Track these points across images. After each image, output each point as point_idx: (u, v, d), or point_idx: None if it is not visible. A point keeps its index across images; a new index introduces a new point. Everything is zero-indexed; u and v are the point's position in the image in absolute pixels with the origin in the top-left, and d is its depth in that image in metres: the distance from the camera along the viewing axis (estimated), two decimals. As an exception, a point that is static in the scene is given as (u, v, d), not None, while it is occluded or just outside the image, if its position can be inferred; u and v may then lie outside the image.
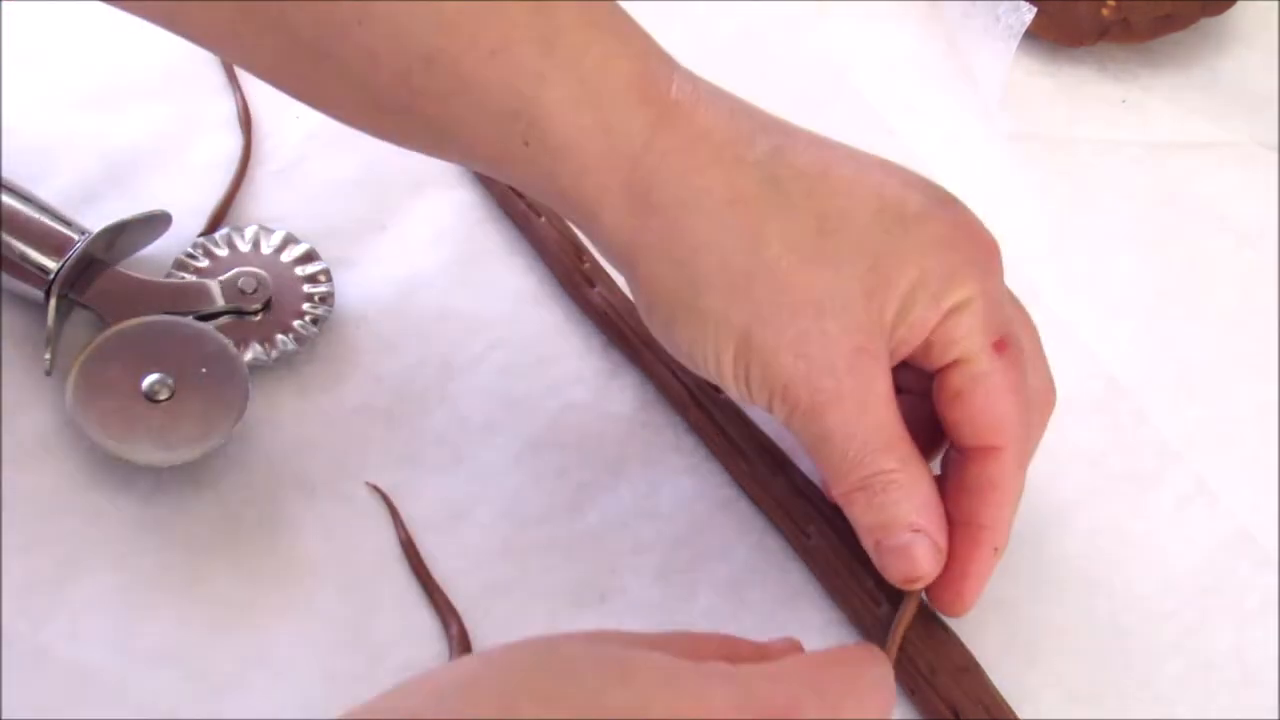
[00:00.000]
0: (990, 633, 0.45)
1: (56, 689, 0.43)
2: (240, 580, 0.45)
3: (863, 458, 0.39)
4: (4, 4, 0.57)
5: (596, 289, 0.51)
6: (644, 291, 0.39)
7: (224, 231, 0.51)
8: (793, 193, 0.38)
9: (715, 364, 0.39)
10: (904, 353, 0.39)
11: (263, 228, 0.51)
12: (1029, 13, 0.56)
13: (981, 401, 0.39)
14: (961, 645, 0.44)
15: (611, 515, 0.47)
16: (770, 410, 0.39)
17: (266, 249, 0.51)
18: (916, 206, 0.38)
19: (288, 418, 0.48)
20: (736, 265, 0.37)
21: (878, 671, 0.37)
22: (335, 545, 0.46)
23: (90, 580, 0.45)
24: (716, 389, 0.49)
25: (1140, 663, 0.46)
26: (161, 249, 0.51)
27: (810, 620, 0.46)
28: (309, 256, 0.51)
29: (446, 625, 0.44)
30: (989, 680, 0.44)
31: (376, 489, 0.47)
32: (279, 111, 0.56)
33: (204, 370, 0.46)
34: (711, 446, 0.48)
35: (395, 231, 0.53)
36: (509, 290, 0.52)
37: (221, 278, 0.49)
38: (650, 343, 0.50)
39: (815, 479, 0.47)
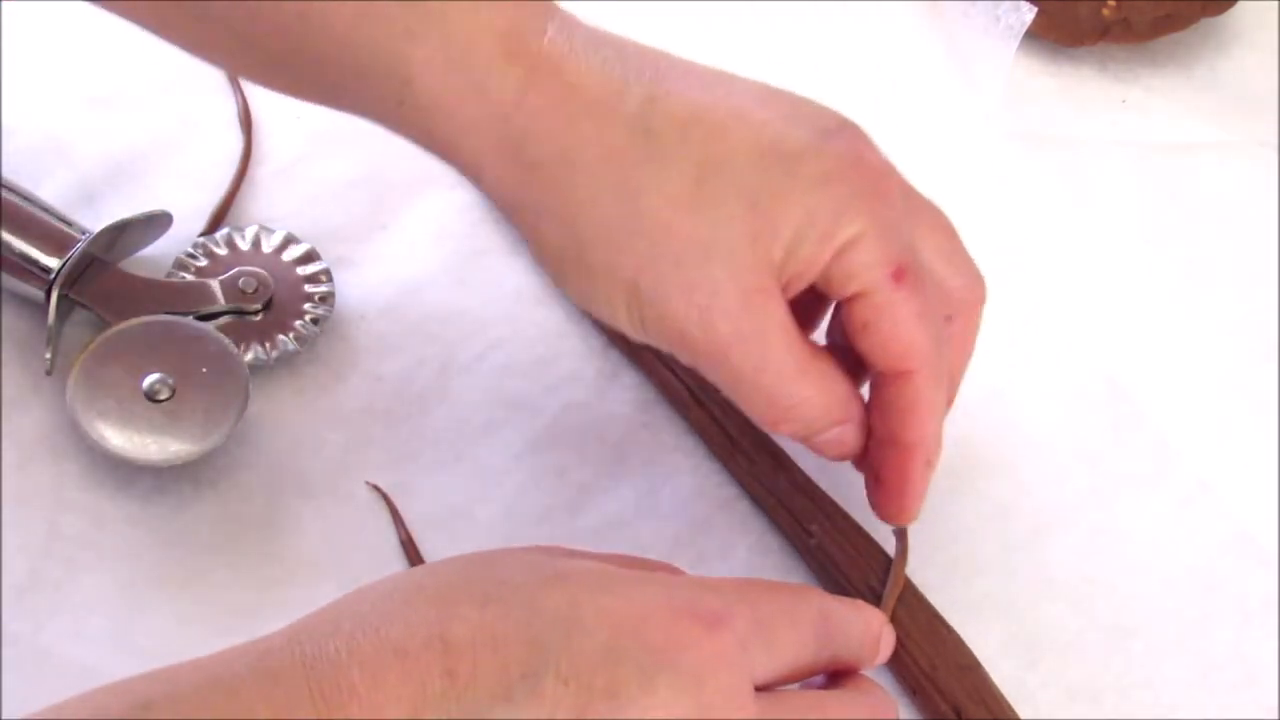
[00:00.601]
0: (990, 633, 0.45)
1: (56, 689, 0.43)
2: (240, 580, 0.45)
3: (777, 391, 0.39)
4: (4, 4, 0.57)
5: (596, 289, 0.51)
6: (533, 246, 0.39)
7: (224, 231, 0.51)
8: (667, 142, 0.37)
9: (611, 314, 0.39)
10: (800, 286, 0.39)
11: (263, 228, 0.51)
12: (1029, 13, 0.56)
13: (888, 331, 0.39)
14: (963, 644, 0.44)
15: (611, 515, 0.47)
16: (676, 355, 0.39)
17: (267, 249, 0.51)
18: (797, 143, 0.38)
19: (288, 417, 0.48)
20: (616, 219, 0.37)
21: (816, 604, 0.38)
22: (335, 545, 0.46)
23: (90, 580, 0.45)
24: (716, 388, 0.49)
25: (1140, 663, 0.46)
26: (162, 249, 0.51)
27: (810, 620, 0.46)
28: (309, 256, 0.51)
29: (446, 625, 0.44)
30: (990, 679, 0.44)
31: (376, 489, 0.47)
32: (279, 111, 0.56)
33: (204, 370, 0.46)
34: (712, 446, 0.48)
35: (395, 231, 0.53)
36: (509, 290, 0.52)
37: (222, 278, 0.49)
38: (650, 343, 0.50)
39: (816, 478, 0.47)
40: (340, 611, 0.34)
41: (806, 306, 0.41)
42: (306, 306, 0.50)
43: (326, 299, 0.50)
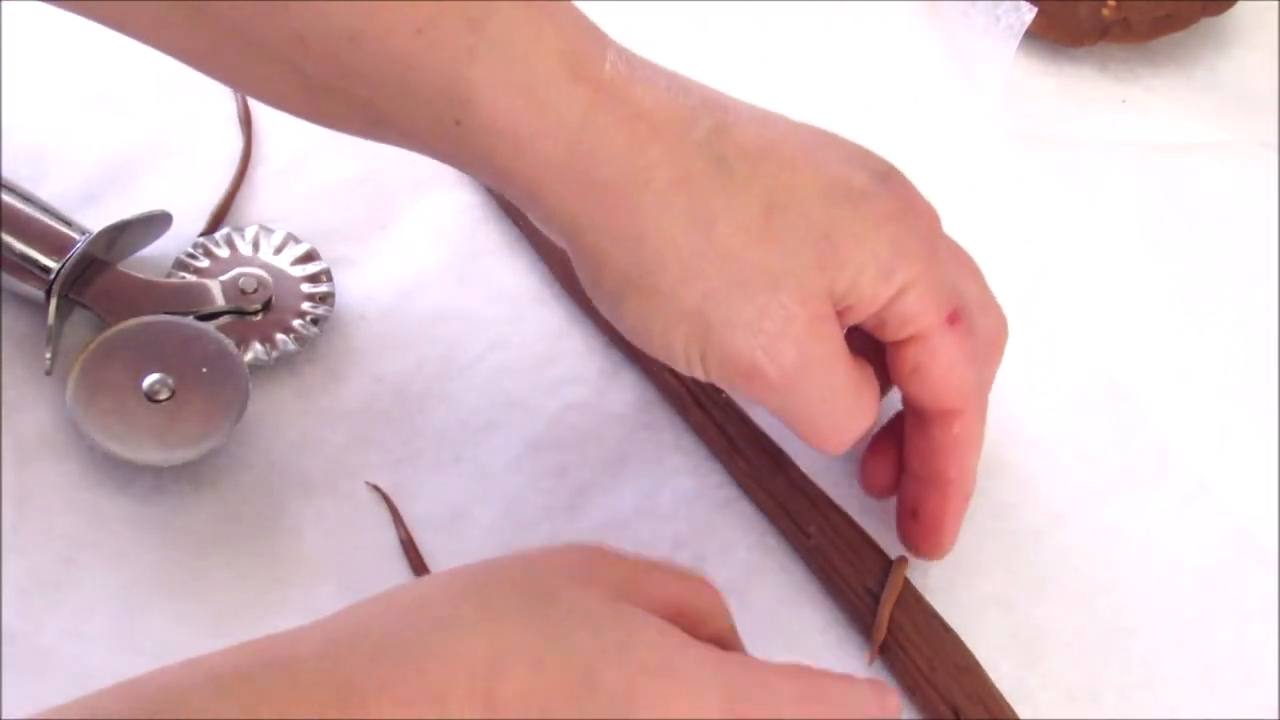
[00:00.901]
0: (990, 633, 0.45)
1: (56, 689, 0.43)
2: (240, 580, 0.45)
3: (842, 417, 0.40)
4: (4, 4, 0.57)
5: (596, 289, 0.51)
6: (590, 268, 0.39)
7: (224, 231, 0.51)
8: (738, 171, 0.38)
9: (665, 343, 0.39)
10: (850, 322, 0.39)
11: (263, 228, 0.51)
12: (1029, 13, 0.56)
13: (941, 374, 0.40)
14: (962, 644, 0.44)
15: (611, 515, 0.47)
16: (729, 387, 0.40)
17: (267, 249, 0.51)
18: (861, 183, 0.38)
19: (288, 418, 0.48)
20: (685, 245, 0.37)
21: (870, 697, 0.37)
22: (335, 545, 0.46)
23: (90, 580, 0.45)
24: (717, 389, 0.49)
25: (1140, 663, 0.46)
26: (162, 249, 0.51)
27: (810, 620, 0.46)
28: (309, 256, 0.51)
29: (446, 625, 0.44)
30: (989, 679, 0.44)
31: (376, 489, 0.47)
32: (279, 111, 0.55)
33: (204, 370, 0.46)
34: (711, 446, 0.48)
35: (395, 231, 0.53)
36: (509, 290, 0.52)
37: (222, 278, 0.49)
38: (650, 343, 0.50)
39: (815, 479, 0.47)
40: (382, 631, 0.33)
41: None
42: (306, 306, 0.50)
43: (326, 299, 0.50)
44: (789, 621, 0.45)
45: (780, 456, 0.48)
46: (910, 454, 0.43)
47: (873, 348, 0.41)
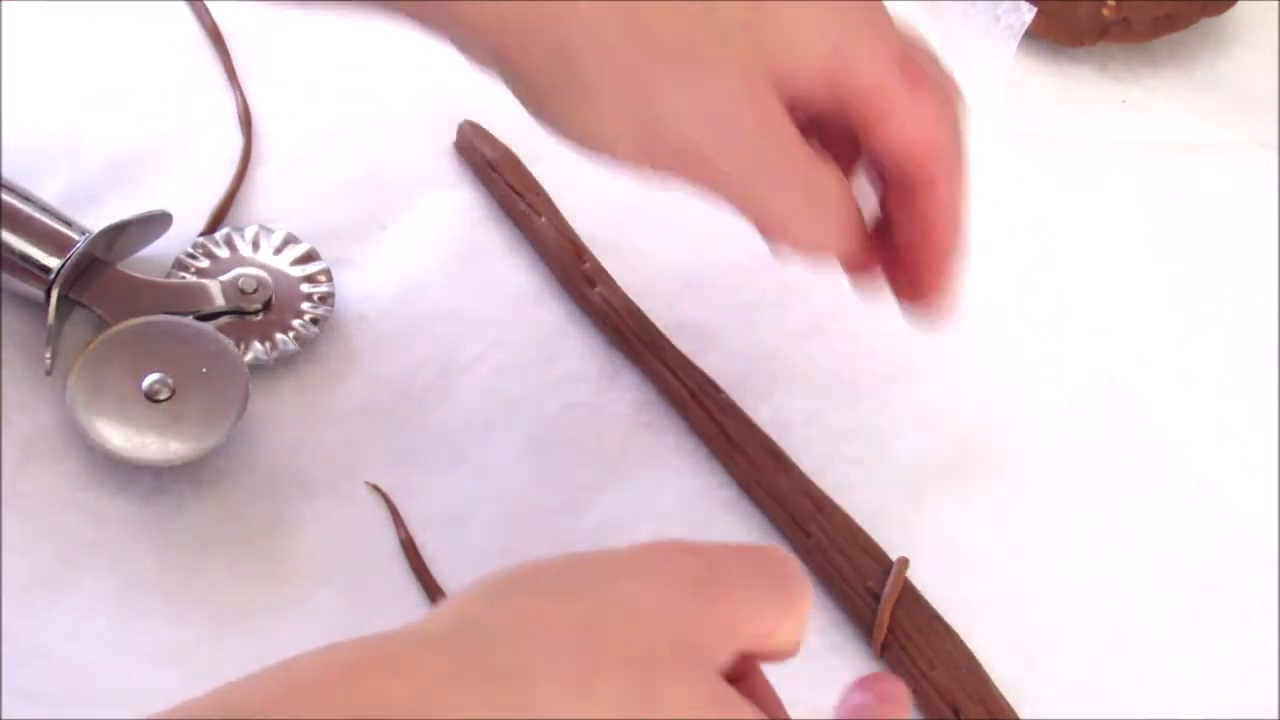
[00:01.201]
0: (990, 633, 0.45)
1: (56, 689, 0.43)
2: (240, 580, 0.45)
3: (794, 202, 0.38)
4: (4, 4, 0.57)
5: (596, 289, 0.51)
6: (522, 83, 0.38)
7: (224, 231, 0.51)
8: None
9: (611, 139, 0.38)
10: (797, 85, 0.37)
11: (263, 228, 0.51)
12: (1029, 13, 0.56)
13: (912, 130, 0.38)
14: (962, 644, 0.44)
15: (611, 515, 0.47)
16: (678, 173, 0.38)
17: (266, 249, 0.51)
18: None
19: (288, 417, 0.48)
20: (613, 36, 0.36)
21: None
22: (335, 545, 0.46)
23: (90, 580, 0.45)
24: (716, 388, 0.49)
25: (1140, 663, 0.46)
26: (162, 249, 0.51)
27: (810, 620, 0.45)
28: (309, 256, 0.51)
29: (446, 625, 0.44)
30: (989, 679, 0.44)
31: (376, 489, 0.47)
32: (279, 111, 0.56)
33: (204, 370, 0.46)
34: (712, 446, 0.48)
35: (395, 231, 0.53)
36: (509, 290, 0.52)
37: (222, 278, 0.49)
38: (651, 343, 0.50)
39: (816, 479, 0.47)
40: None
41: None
42: (306, 306, 0.50)
43: (326, 299, 0.50)
44: (789, 621, 0.45)
45: (781, 456, 0.48)
46: (900, 232, 0.41)
47: (845, 153, 0.40)
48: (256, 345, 0.49)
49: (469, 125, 0.55)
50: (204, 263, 0.50)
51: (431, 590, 0.45)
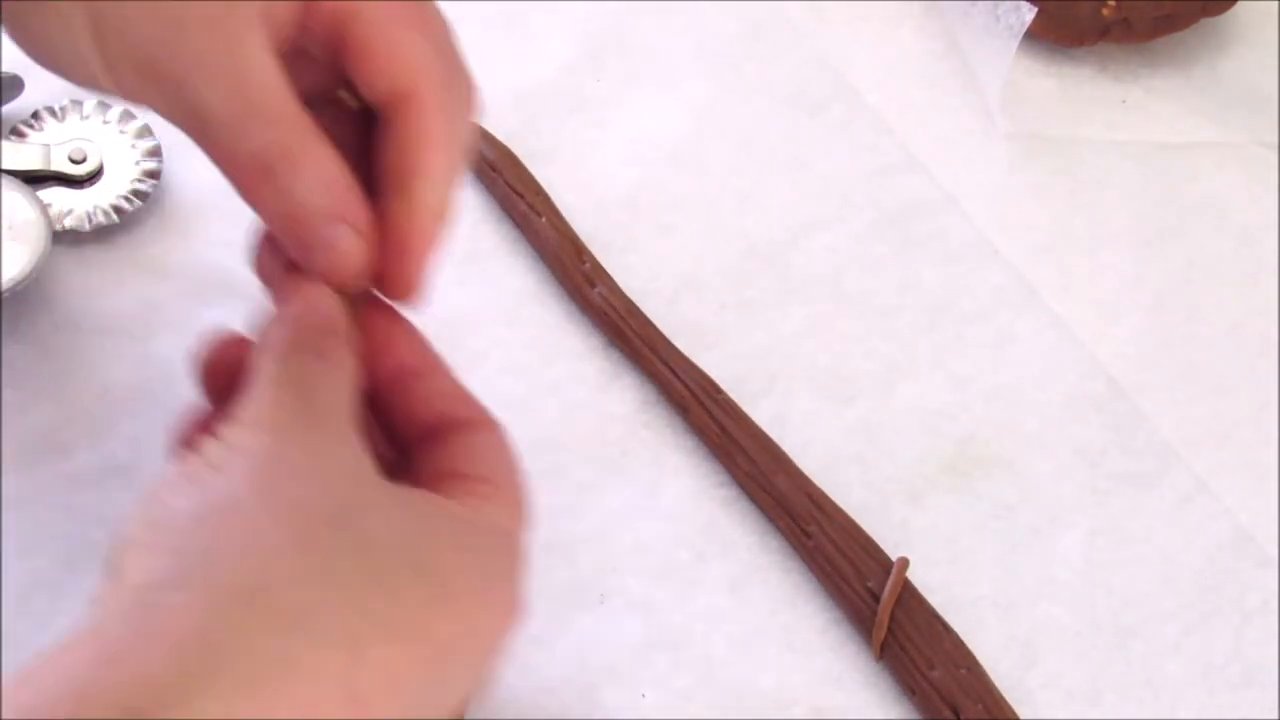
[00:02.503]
0: (990, 633, 0.45)
1: (57, 689, 0.43)
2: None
3: (248, 128, 0.33)
4: (3, 3, 0.57)
5: (596, 289, 0.51)
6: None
7: (65, 101, 0.53)
8: None
9: (75, 54, 0.34)
10: (287, 15, 0.34)
11: (102, 101, 0.53)
12: (1029, 13, 0.56)
13: (381, 41, 0.34)
14: (962, 644, 0.44)
15: (611, 515, 0.47)
16: (151, 103, 0.34)
17: (104, 120, 0.53)
18: None
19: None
20: None
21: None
22: (335, 545, 0.46)
23: (90, 580, 0.45)
24: (716, 388, 0.49)
25: (1140, 663, 0.46)
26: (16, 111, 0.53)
27: (810, 620, 0.46)
28: (144, 132, 0.53)
29: (446, 625, 0.44)
30: (989, 679, 0.44)
31: (376, 489, 0.47)
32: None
33: (9, 226, 0.48)
34: (711, 446, 0.48)
35: (395, 231, 0.53)
36: (509, 290, 0.52)
37: (54, 144, 0.52)
38: (650, 343, 0.50)
39: (816, 479, 0.47)
40: (208, 646, 0.26)
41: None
42: (131, 181, 0.52)
43: (154, 174, 0.52)
44: (789, 621, 0.45)
45: (781, 456, 0.48)
46: (375, 177, 0.35)
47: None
48: (78, 212, 0.51)
49: (469, 125, 0.55)
50: (41, 128, 0.53)
51: (431, 590, 0.45)
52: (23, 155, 0.51)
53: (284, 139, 0.33)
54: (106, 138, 0.53)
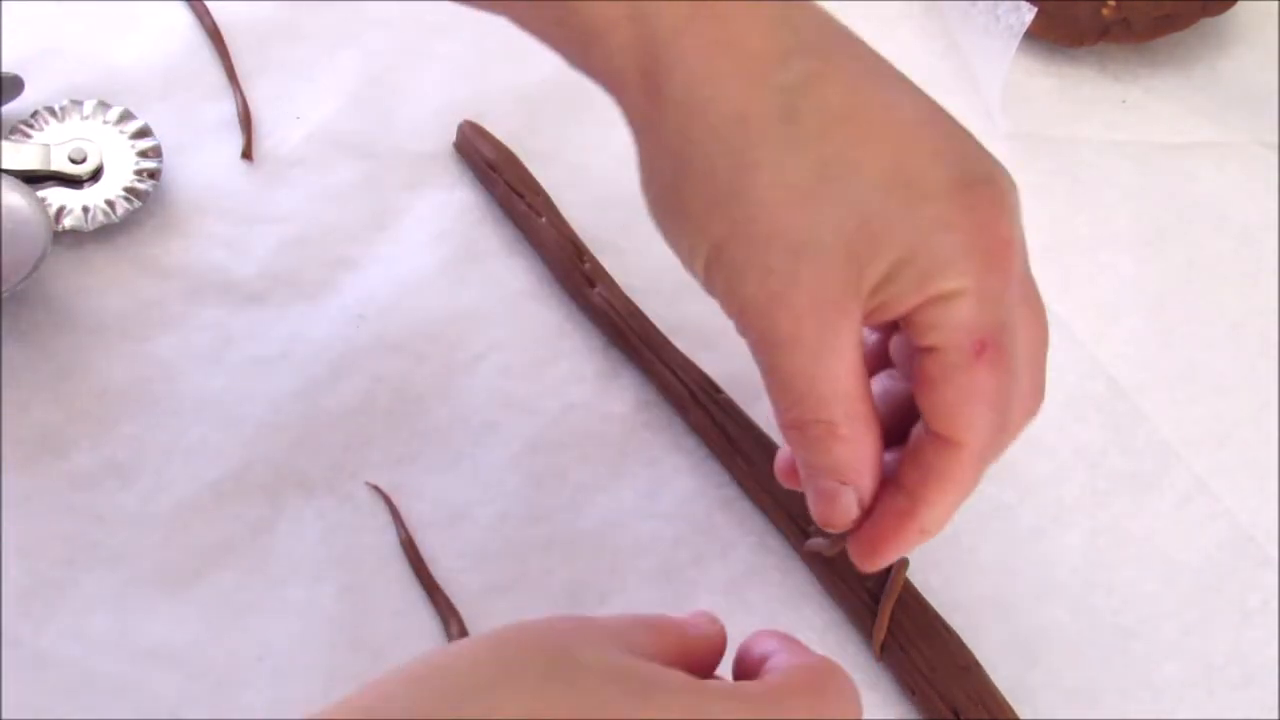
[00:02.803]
0: (990, 633, 0.45)
1: (57, 689, 0.43)
2: (240, 580, 0.45)
3: (806, 401, 0.37)
4: (4, 3, 0.57)
5: (596, 289, 0.51)
6: (644, 170, 0.39)
7: (64, 102, 0.54)
8: (805, 129, 0.36)
9: (689, 261, 0.38)
10: (881, 318, 0.38)
11: (101, 102, 0.54)
12: (1029, 13, 0.56)
13: (950, 396, 0.37)
14: (962, 644, 0.44)
15: (611, 515, 0.47)
16: (730, 315, 0.38)
17: (104, 122, 0.53)
18: (933, 183, 0.36)
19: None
20: (726, 182, 0.36)
21: (851, 689, 0.37)
22: (335, 545, 0.46)
23: (90, 580, 0.45)
24: (716, 388, 0.49)
25: (1140, 663, 0.46)
26: (16, 111, 0.53)
27: (810, 620, 0.46)
28: (143, 133, 0.53)
29: (446, 625, 0.44)
30: (989, 680, 0.44)
31: (376, 489, 0.47)
32: (279, 111, 0.56)
33: (9, 225, 0.49)
34: (711, 446, 0.48)
35: (395, 231, 0.53)
36: (509, 290, 0.52)
37: (54, 144, 0.52)
38: (650, 342, 0.50)
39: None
40: (410, 702, 0.32)
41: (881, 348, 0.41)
42: (130, 180, 0.52)
43: (154, 174, 0.52)
44: (789, 621, 0.45)
45: (780, 456, 0.48)
46: (902, 457, 0.39)
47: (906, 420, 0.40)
48: (77, 212, 0.51)
49: (469, 125, 0.55)
50: (41, 128, 0.53)
51: (431, 590, 0.45)
52: (23, 155, 0.51)
53: (835, 419, 0.37)
54: (106, 138, 0.53)
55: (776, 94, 0.36)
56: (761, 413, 0.49)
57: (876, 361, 0.42)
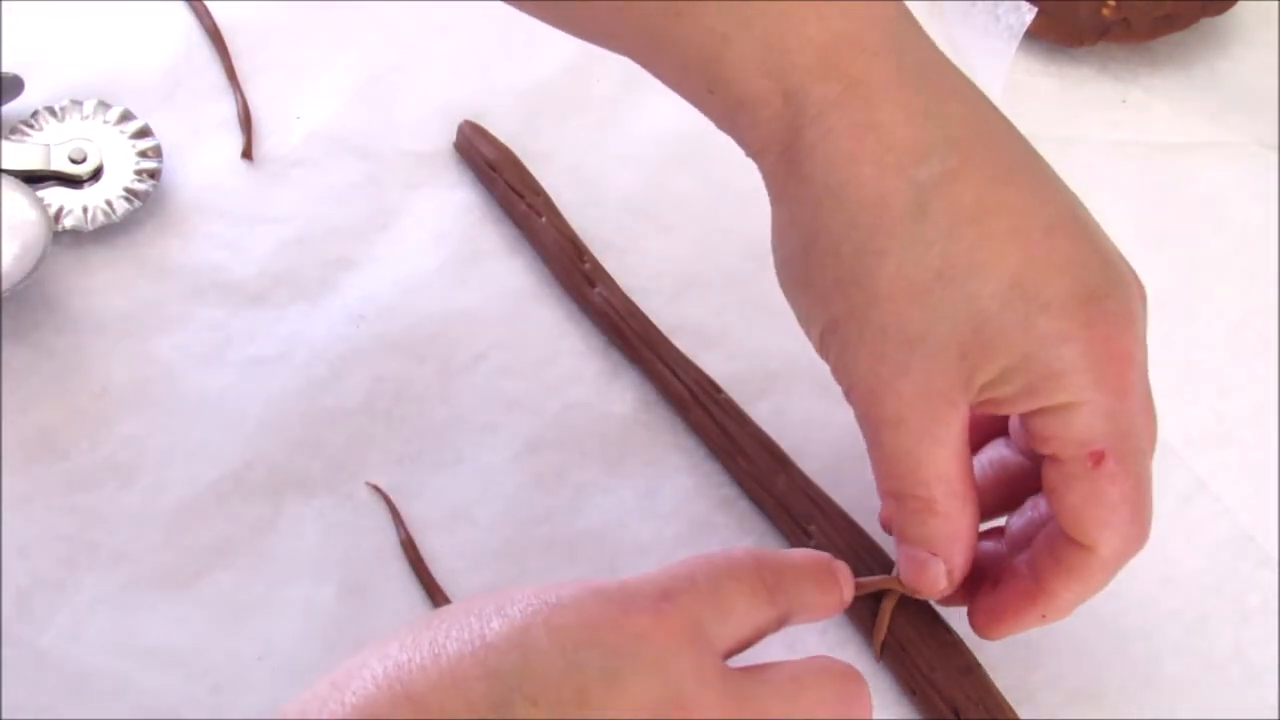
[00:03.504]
0: (990, 633, 0.45)
1: (57, 689, 0.43)
2: (240, 580, 0.45)
3: (907, 479, 0.39)
4: (4, 3, 0.57)
5: (596, 289, 0.51)
6: (775, 236, 0.40)
7: (64, 102, 0.54)
8: (934, 226, 0.36)
9: (806, 327, 0.40)
10: (993, 413, 0.38)
11: (101, 102, 0.53)
12: (1029, 13, 0.56)
13: (1073, 503, 0.38)
14: (963, 645, 0.44)
15: (611, 515, 0.47)
16: (848, 397, 0.39)
17: (104, 121, 0.53)
18: (1054, 293, 0.36)
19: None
20: (848, 263, 0.37)
21: (752, 559, 0.38)
22: (335, 545, 0.46)
23: (90, 580, 0.45)
24: (716, 388, 0.49)
25: (1140, 663, 0.46)
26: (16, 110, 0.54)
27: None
28: (143, 133, 0.53)
29: (446, 625, 0.44)
30: (990, 680, 0.44)
31: (376, 489, 0.47)
32: (279, 111, 0.56)
33: (9, 225, 0.49)
34: (711, 446, 0.48)
35: (395, 231, 0.53)
36: (509, 290, 0.52)
37: (54, 144, 0.52)
38: (650, 342, 0.50)
39: (816, 480, 0.47)
40: (316, 691, 0.34)
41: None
42: (130, 180, 0.52)
43: (154, 174, 0.52)
44: (789, 621, 0.45)
45: (781, 456, 0.48)
46: (1036, 541, 0.41)
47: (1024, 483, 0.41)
48: (77, 212, 0.51)
49: (469, 125, 0.55)
50: (41, 128, 0.53)
51: (431, 590, 0.45)
52: (23, 155, 0.51)
53: (934, 497, 0.39)
54: (106, 138, 0.53)
55: (912, 187, 0.37)
56: (761, 413, 0.49)
57: (993, 427, 0.43)
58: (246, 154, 0.54)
